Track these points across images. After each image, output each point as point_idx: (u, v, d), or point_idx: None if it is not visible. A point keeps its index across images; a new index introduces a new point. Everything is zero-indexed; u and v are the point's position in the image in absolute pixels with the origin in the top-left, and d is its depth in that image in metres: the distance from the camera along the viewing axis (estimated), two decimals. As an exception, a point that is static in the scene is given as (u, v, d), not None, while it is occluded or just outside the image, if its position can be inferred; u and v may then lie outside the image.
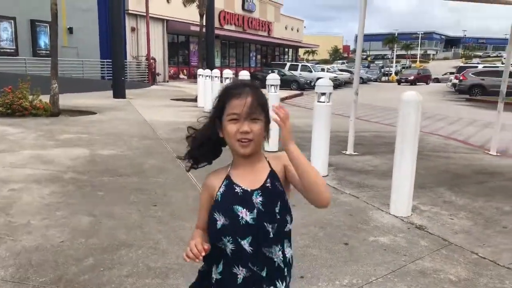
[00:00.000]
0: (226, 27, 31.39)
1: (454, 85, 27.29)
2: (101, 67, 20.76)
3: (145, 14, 23.41)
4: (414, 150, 3.85)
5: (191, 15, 26.53)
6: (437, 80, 42.57)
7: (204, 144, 1.37)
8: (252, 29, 35.57)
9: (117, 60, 15.41)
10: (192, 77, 29.51)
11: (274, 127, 1.30)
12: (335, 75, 31.95)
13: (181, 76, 28.90)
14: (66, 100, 11.85)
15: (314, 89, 5.95)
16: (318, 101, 5.16)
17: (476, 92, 22.69)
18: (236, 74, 15.62)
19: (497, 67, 26.58)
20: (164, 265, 2.92)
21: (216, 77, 10.92)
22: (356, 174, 5.50)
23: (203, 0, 15.11)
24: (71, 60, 18.75)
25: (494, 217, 4.03)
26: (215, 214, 1.31)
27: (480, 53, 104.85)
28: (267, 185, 1.32)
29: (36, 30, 17.85)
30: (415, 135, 3.82)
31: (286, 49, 45.96)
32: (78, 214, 3.78)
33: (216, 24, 25.04)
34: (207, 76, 12.30)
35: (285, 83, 23.74)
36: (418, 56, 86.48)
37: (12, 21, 16.77)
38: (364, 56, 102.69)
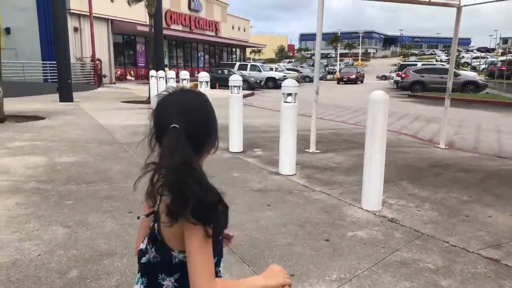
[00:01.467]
0: (173, 27, 30.93)
1: (396, 82, 28.67)
2: (43, 69, 19.72)
3: (88, 13, 22.52)
4: (383, 147, 4.05)
5: (137, 14, 25.88)
6: (385, 77, 43.33)
7: None
8: (199, 29, 35.31)
9: (62, 61, 14.71)
10: (140, 78, 28.83)
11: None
12: (284, 74, 32.47)
13: (128, 77, 28.11)
14: (9, 105, 11.16)
15: (264, 88, 6.45)
16: (284, 101, 5.27)
17: (417, 89, 24.00)
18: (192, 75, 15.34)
19: (435, 64, 28.29)
20: (153, 272, 2.88)
21: (171, 78, 10.76)
22: (323, 171, 5.68)
23: (152, -1, 14.82)
24: (10, 62, 17.64)
25: (455, 207, 4.33)
26: None
27: (416, 51, 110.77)
28: None
29: (-31, 30, 16.62)
30: (383, 132, 4.02)
31: (234, 49, 46.05)
32: (50, 225, 3.62)
33: (163, 24, 24.59)
34: (161, 77, 12.09)
35: (236, 83, 23.92)
36: (359, 55, 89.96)
37: None
38: (309, 55, 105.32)
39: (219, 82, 24.31)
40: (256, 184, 5.00)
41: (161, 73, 12.24)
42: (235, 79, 6.63)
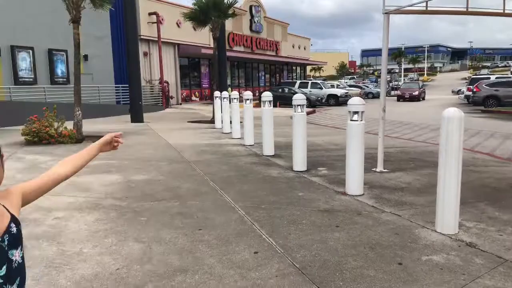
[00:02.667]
0: (235, 48, 31.82)
1: (467, 97, 27.19)
2: (116, 92, 21.09)
3: (157, 39, 23.86)
4: (459, 167, 3.85)
5: (202, 38, 27.01)
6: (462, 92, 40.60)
7: None
8: (260, 49, 36.00)
9: (134, 85, 15.65)
10: (204, 98, 29.86)
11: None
12: (346, 90, 32.09)
13: (193, 98, 29.21)
14: (86, 126, 12.02)
15: (325, 105, 6.45)
16: (351, 120, 5.20)
17: (490, 104, 22.59)
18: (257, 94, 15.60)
19: (510, 77, 26.50)
20: (224, 290, 2.93)
21: (234, 99, 11.03)
22: (392, 191, 5.48)
23: (217, 23, 15.38)
24: (87, 86, 19.04)
25: (542, 232, 3.98)
26: None
27: (488, 64, 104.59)
28: (11, 230, 1.21)
29: (53, 58, 18.23)
30: (459, 151, 3.82)
31: (294, 67, 46.35)
32: (127, 240, 3.82)
33: (226, 46, 25.39)
34: (224, 98, 12.43)
35: (297, 101, 23.99)
36: (425, 69, 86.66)
37: (31, 51, 17.16)
38: (371, 71, 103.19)
39: (280, 100, 24.52)
40: (323, 204, 4.94)
41: (224, 93, 12.59)
42: (299, 98, 6.66)
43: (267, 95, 8.12)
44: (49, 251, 3.60)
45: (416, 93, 34.56)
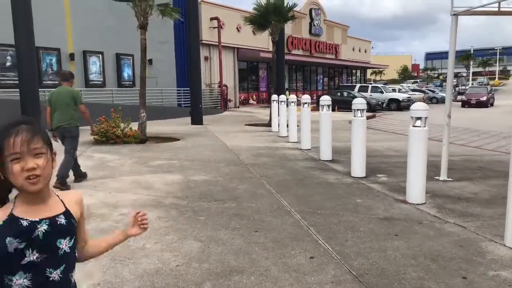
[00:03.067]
0: (293, 51, 31.80)
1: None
2: (178, 95, 21.86)
3: (217, 43, 24.45)
4: (533, 178, 3.59)
5: (260, 42, 27.30)
6: None
7: None
8: (320, 52, 35.68)
9: (195, 88, 16.15)
10: (261, 102, 30.12)
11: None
12: (408, 95, 30.93)
13: (251, 101, 29.56)
14: (150, 127, 12.55)
15: (386, 110, 6.27)
16: (413, 126, 5.02)
17: None
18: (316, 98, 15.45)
19: None
20: (280, 293, 2.95)
21: (292, 102, 11.03)
22: (456, 201, 5.22)
23: (276, 27, 15.48)
24: (151, 89, 19.90)
25: None
26: None
27: None
28: (58, 219, 1.32)
29: (120, 63, 19.26)
30: (533, 161, 3.56)
31: (354, 70, 45.47)
32: (186, 239, 3.95)
33: (285, 49, 25.46)
34: (282, 101, 12.47)
35: (356, 105, 23.50)
36: (496, 73, 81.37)
37: (100, 55, 18.25)
38: (436, 75, 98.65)
39: (338, 104, 24.14)
40: (382, 211, 4.81)
41: (282, 97, 12.63)
42: (359, 102, 6.53)
43: (325, 99, 8.05)
44: (115, 245, 3.81)
45: (484, 98, 30.90)
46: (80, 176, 6.35)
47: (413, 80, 70.90)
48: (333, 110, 26.66)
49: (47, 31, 14.55)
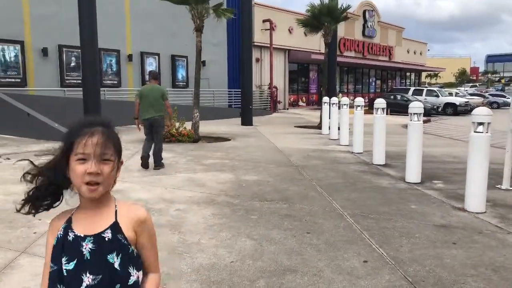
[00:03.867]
0: (345, 53, 31.35)
1: None
2: (229, 96, 22.23)
3: (268, 45, 24.60)
4: None
5: (312, 44, 27.15)
6: None
7: (48, 185, 1.24)
8: (373, 54, 34.93)
9: (246, 90, 16.36)
10: (311, 104, 29.94)
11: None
12: (466, 99, 29.55)
13: (300, 103, 29.47)
14: (202, 127, 12.86)
15: (442, 115, 6.06)
16: (475, 131, 4.82)
17: None
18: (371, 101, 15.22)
19: None
20: (333, 295, 2.95)
21: (344, 105, 10.90)
22: (520, 212, 4.96)
23: (329, 29, 15.36)
24: (204, 90, 20.36)
25: None
26: (52, 262, 1.24)
27: None
28: (104, 235, 1.22)
29: (175, 64, 19.88)
30: None
31: (408, 73, 44.07)
32: (239, 236, 4.04)
33: (337, 51, 25.18)
34: (333, 103, 12.36)
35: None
36: None
37: (157, 57, 18.94)
38: (497, 78, 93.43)
39: (391, 107, 23.50)
40: (438, 219, 4.66)
41: (333, 99, 12.51)
42: (416, 106, 6.36)
43: (380, 102, 7.90)
44: (172, 238, 3.98)
45: None
46: (158, 163, 7.25)
47: (471, 84, 67.49)
48: (386, 113, 25.87)
49: (108, 34, 15.32)
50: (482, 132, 4.77)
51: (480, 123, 4.77)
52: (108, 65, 16.94)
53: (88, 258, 1.21)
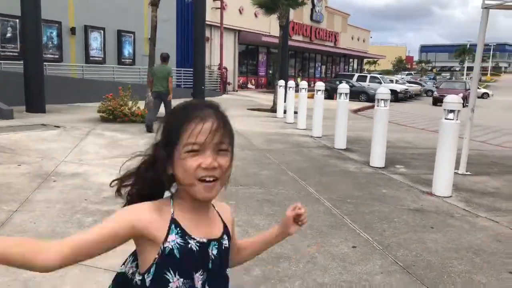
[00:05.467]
0: (294, 37, 31.51)
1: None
2: (178, 76, 21.56)
3: (219, 24, 24.09)
4: None
5: (262, 26, 26.99)
6: None
7: (147, 185, 1.03)
8: (319, 39, 35.49)
9: (199, 69, 15.93)
10: (260, 87, 29.92)
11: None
12: (406, 87, 31.00)
13: (249, 85, 29.35)
14: (155, 107, 12.39)
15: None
16: (445, 118, 4.98)
17: None
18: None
19: None
20: (333, 281, 2.91)
21: (303, 89, 10.93)
22: (481, 196, 5.23)
23: (285, 11, 15.27)
24: (152, 68, 19.61)
25: None
26: (168, 274, 0.96)
27: None
28: (223, 242, 1.05)
29: (121, 40, 18.86)
30: None
31: (351, 60, 45.37)
32: (222, 223, 3.88)
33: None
34: (290, 87, 12.36)
35: (354, 94, 23.28)
36: (488, 69, 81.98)
37: (102, 31, 17.84)
38: (429, 68, 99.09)
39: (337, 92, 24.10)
40: (411, 203, 4.79)
41: (290, 83, 12.52)
42: (383, 91, 6.48)
43: (343, 87, 8.00)
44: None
45: (460, 96, 28.29)
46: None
47: (407, 72, 70.99)
48: (331, 98, 26.46)
49: (48, 3, 14.11)
50: (452, 120, 4.94)
51: (451, 111, 4.94)
52: (49, 37, 15.65)
53: (210, 268, 1.01)
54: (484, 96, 36.44)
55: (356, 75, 31.57)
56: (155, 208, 0.99)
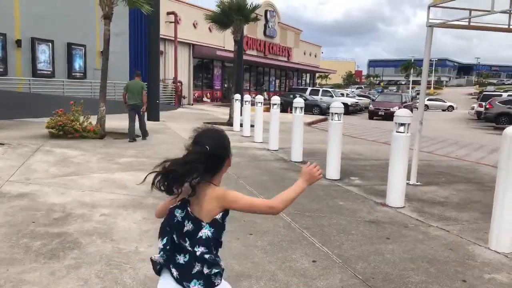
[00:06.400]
0: (248, 52, 31.83)
1: (478, 113, 27.18)
2: (131, 90, 21.07)
3: (173, 38, 23.91)
4: (518, 185, 3.81)
5: (216, 40, 27.08)
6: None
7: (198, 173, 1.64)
8: (273, 54, 36.05)
9: (153, 83, 15.68)
10: (215, 100, 29.87)
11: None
12: (356, 100, 32.07)
13: (205, 99, 29.22)
14: (106, 122, 12.02)
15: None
16: (397, 131, 5.17)
17: (503, 121, 22.55)
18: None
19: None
20: (295, 298, 2.90)
21: (259, 102, 11.01)
22: (431, 205, 5.45)
23: (239, 26, 15.40)
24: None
25: None
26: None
27: (494, 81, 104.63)
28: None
29: (72, 53, 18.24)
30: (519, 170, 3.79)
31: (304, 74, 46.40)
32: (181, 242, 3.78)
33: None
34: (246, 101, 12.43)
35: (307, 107, 23.73)
36: (432, 83, 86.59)
37: (50, 44, 17.18)
38: (377, 81, 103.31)
39: (291, 106, 24.51)
40: (366, 214, 4.91)
41: (247, 97, 12.59)
42: (336, 106, 6.64)
43: (299, 102, 8.13)
44: (105, 248, 3.57)
45: (395, 109, 22.58)
46: (144, 136, 10.21)
47: (357, 86, 73.59)
48: (285, 111, 26.74)
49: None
50: (403, 132, 5.13)
51: (402, 124, 5.13)
52: (-9, 50, 14.87)
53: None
54: (449, 109, 38.35)
55: (309, 89, 32.30)
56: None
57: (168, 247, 1.66)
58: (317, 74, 61.99)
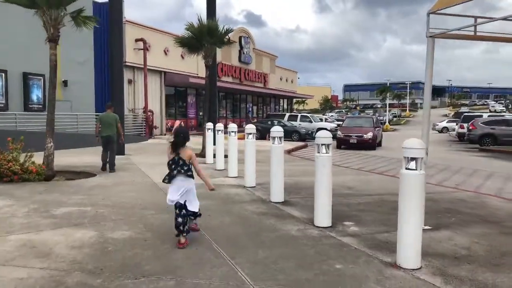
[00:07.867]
0: (223, 78, 30.86)
1: (459, 134, 26.63)
2: (96, 121, 19.57)
3: (142, 66, 22.68)
4: None
5: (189, 67, 25.99)
6: (447, 130, 36.31)
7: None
8: (249, 80, 35.19)
9: (117, 114, 14.23)
10: (190, 129, 28.48)
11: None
12: (335, 125, 31.26)
13: (178, 128, 27.82)
14: (60, 158, 10.55)
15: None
16: (406, 168, 3.93)
17: (487, 142, 21.91)
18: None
19: (504, 116, 26.18)
20: None
21: (232, 132, 9.72)
22: (455, 263, 4.17)
23: (210, 51, 14.25)
24: (65, 114, 17.60)
25: None
26: None
27: (466, 102, 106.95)
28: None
29: (28, 83, 16.75)
30: None
31: (281, 100, 45.68)
32: None
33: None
34: (219, 130, 11.13)
35: (286, 134, 22.56)
36: (407, 105, 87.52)
37: (3, 74, 15.67)
38: (353, 106, 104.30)
39: (269, 132, 23.34)
40: (374, 285, 3.59)
41: (219, 125, 11.32)
42: (324, 135, 5.39)
43: (277, 130, 6.90)
44: None
45: (369, 135, 20.12)
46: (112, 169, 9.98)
47: (337, 110, 73.64)
48: (263, 138, 25.45)
49: None
50: (415, 170, 3.89)
51: (413, 159, 3.90)
52: None
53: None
54: (443, 130, 37.83)
55: (287, 114, 31.42)
56: None
57: (175, 171, 4.51)
58: (294, 100, 61.58)
